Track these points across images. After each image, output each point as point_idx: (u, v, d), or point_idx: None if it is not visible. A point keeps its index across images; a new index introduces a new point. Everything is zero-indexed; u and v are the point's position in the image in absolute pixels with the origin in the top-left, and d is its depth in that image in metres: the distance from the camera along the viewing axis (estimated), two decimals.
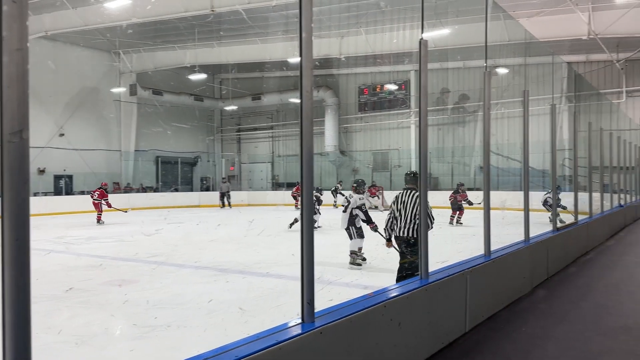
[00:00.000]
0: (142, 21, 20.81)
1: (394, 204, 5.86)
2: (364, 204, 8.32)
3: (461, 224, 14.44)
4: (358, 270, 7.84)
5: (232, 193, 28.14)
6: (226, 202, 25.67)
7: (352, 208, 8.32)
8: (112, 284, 7.18)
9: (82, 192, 24.55)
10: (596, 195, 10.71)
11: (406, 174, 6.04)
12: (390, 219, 5.88)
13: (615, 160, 13.15)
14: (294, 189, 21.96)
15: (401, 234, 5.68)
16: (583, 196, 9.40)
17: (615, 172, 13.14)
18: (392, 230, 5.87)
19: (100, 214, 16.70)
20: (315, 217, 8.29)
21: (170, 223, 16.44)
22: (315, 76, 29.53)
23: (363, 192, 8.61)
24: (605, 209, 11.35)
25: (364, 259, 8.26)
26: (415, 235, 5.56)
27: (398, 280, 5.53)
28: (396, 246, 5.88)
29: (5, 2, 1.59)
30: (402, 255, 5.74)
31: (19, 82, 1.63)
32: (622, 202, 14.23)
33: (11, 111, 1.61)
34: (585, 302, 5.28)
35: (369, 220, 8.03)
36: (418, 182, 5.57)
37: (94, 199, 16.82)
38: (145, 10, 20.21)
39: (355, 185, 8.66)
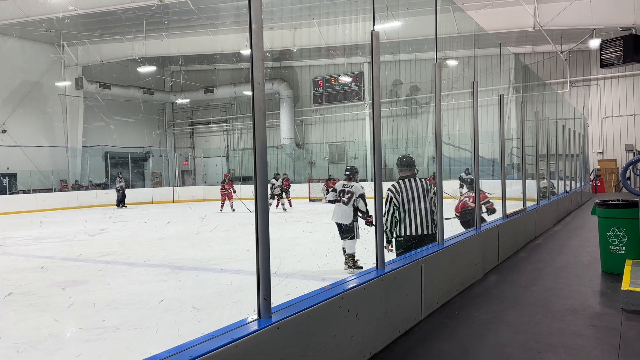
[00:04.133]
0: (86, 12, 20.03)
1: (393, 198, 5.03)
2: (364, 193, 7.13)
3: None
4: (315, 264, 7.76)
5: (182, 189, 27.53)
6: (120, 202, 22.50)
7: (356, 198, 7.08)
8: (58, 286, 6.90)
9: (26, 191, 23.52)
10: (543, 182, 11.08)
11: (399, 159, 5.22)
12: (390, 218, 5.02)
13: (561, 148, 13.65)
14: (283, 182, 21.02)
15: (408, 233, 5.00)
16: (530, 183, 9.70)
17: (560, 160, 13.63)
18: (392, 230, 5.06)
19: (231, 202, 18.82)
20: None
21: (115, 222, 15.93)
22: (270, 68, 29.38)
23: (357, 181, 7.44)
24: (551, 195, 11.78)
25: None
26: (427, 232, 4.98)
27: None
28: (394, 249, 5.08)
29: None
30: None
31: None
32: (568, 189, 14.79)
33: None
34: (535, 286, 5.45)
35: (368, 213, 6.93)
36: (414, 168, 4.96)
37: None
38: (89, 1, 19.46)
39: (348, 172, 7.44)
